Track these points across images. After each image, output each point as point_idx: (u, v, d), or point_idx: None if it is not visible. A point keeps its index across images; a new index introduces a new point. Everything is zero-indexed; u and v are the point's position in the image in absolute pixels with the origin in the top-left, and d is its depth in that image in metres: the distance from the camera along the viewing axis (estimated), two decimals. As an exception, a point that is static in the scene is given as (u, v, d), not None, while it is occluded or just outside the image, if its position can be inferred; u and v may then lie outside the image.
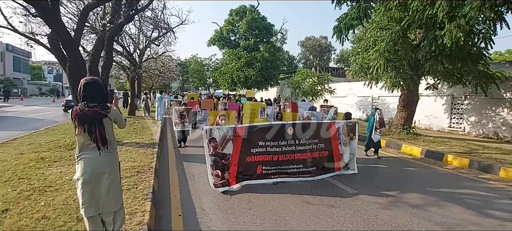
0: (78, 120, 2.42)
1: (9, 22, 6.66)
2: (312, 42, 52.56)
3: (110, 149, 2.61)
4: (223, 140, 4.55)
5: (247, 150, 4.66)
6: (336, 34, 10.02)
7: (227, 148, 4.57)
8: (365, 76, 10.94)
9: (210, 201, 4.20)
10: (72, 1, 9.29)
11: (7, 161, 5.35)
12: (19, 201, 3.51)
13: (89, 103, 2.46)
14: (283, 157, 4.85)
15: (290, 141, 4.89)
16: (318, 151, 5.15)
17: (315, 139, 5.11)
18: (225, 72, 26.20)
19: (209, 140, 4.48)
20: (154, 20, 12.65)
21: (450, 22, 6.78)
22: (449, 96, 12.52)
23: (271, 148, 4.77)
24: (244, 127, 4.69)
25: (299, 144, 4.97)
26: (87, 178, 2.45)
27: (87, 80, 2.52)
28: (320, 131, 5.19)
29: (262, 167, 4.74)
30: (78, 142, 2.50)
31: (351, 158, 5.59)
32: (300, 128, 4.98)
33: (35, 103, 25.36)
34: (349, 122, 5.68)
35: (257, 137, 4.71)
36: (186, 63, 43.97)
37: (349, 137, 5.57)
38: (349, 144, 5.57)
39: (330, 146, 5.28)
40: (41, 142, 7.11)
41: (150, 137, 8.50)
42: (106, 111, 2.53)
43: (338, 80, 24.59)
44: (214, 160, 4.49)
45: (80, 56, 6.54)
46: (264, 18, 27.10)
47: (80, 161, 2.50)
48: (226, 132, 4.56)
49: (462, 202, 4.46)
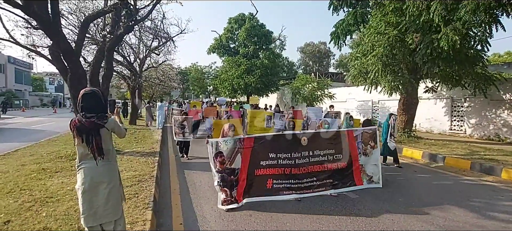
0: (76, 130, 2.48)
1: (11, 35, 6.77)
2: (311, 48, 52.90)
3: (109, 159, 2.64)
4: (231, 154, 4.10)
5: (257, 162, 4.23)
6: (334, 39, 10.14)
7: (235, 162, 4.13)
8: (364, 80, 11.00)
9: (211, 209, 4.20)
10: (72, 13, 9.43)
11: (9, 172, 5.36)
12: (21, 212, 3.52)
13: (87, 113, 2.51)
14: (296, 170, 4.35)
15: (303, 152, 4.38)
16: (335, 163, 4.60)
17: (331, 149, 4.58)
18: (225, 79, 26.35)
19: (215, 155, 4.03)
20: (154, 30, 12.80)
21: (446, 26, 6.86)
22: (448, 99, 12.54)
23: (282, 160, 4.29)
24: (253, 138, 4.28)
25: (314, 155, 4.45)
26: (86, 187, 2.48)
27: (86, 91, 2.57)
28: (336, 140, 4.69)
29: (273, 181, 4.28)
30: (78, 152, 2.55)
31: (374, 169, 4.99)
32: (315, 138, 4.51)
33: (37, 114, 25.46)
34: (368, 129, 5.11)
35: (267, 148, 4.28)
36: (187, 72, 44.22)
37: (369, 145, 5.00)
38: (371, 153, 4.98)
39: (349, 157, 4.72)
40: (43, 153, 7.13)
41: (151, 146, 8.51)
42: (103, 121, 2.56)
43: (338, 85, 24.68)
44: (221, 177, 4.05)
45: (80, 67, 6.61)
46: (262, 25, 27.37)
47: (80, 171, 2.54)
48: (234, 144, 4.11)
49: (464, 204, 4.44)
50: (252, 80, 24.40)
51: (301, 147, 4.38)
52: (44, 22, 5.62)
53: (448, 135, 12.17)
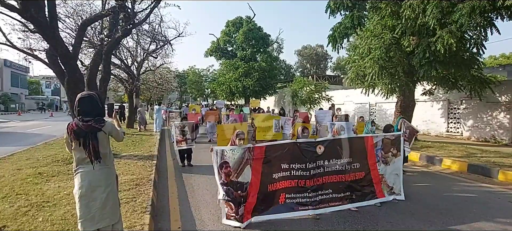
0: (73, 134, 2.47)
1: (7, 39, 6.74)
2: (309, 51, 53.11)
3: (106, 163, 2.63)
4: (239, 165, 3.60)
5: (269, 175, 3.75)
6: (331, 42, 10.19)
7: (244, 175, 3.63)
8: (362, 83, 11.05)
9: (210, 213, 4.17)
10: (70, 16, 9.41)
11: (5, 177, 5.31)
12: (17, 217, 3.48)
13: (84, 117, 2.51)
14: (311, 182, 3.93)
15: (319, 161, 3.97)
16: (352, 173, 4.19)
17: (349, 158, 4.16)
18: (223, 82, 26.38)
19: (220, 165, 3.56)
20: (152, 33, 12.80)
21: (442, 29, 6.94)
22: (445, 101, 12.63)
23: (296, 171, 3.85)
24: (264, 147, 3.74)
25: (330, 165, 4.04)
26: (83, 192, 2.47)
27: (83, 95, 2.57)
28: (354, 147, 4.26)
29: (286, 196, 3.81)
30: (75, 157, 2.54)
31: (396, 179, 4.56)
32: (332, 146, 4.08)
33: (33, 117, 25.26)
34: (390, 136, 4.64)
35: (280, 158, 3.81)
36: (184, 75, 44.18)
37: (391, 152, 4.56)
38: (392, 162, 4.54)
39: (367, 166, 4.30)
40: (39, 157, 7.07)
41: (149, 150, 8.48)
42: (100, 124, 2.56)
43: (336, 87, 24.78)
44: (227, 190, 3.55)
45: (78, 70, 6.59)
46: (260, 28, 27.49)
47: (77, 175, 2.53)
48: (242, 153, 3.62)
49: (462, 206, 4.46)
50: (250, 83, 24.45)
51: (316, 156, 3.95)
52: (41, 26, 5.60)
53: (445, 137, 12.25)
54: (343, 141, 4.27)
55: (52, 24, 5.77)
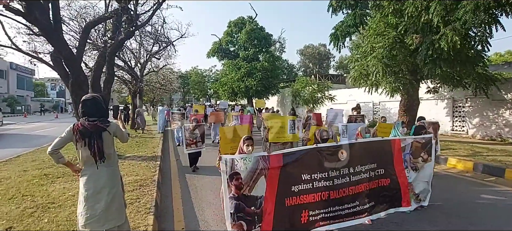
0: (79, 134, 2.51)
1: (13, 42, 6.83)
2: (311, 50, 52.98)
3: (110, 163, 2.67)
4: (251, 177, 3.08)
5: (287, 188, 3.20)
6: (333, 41, 10.14)
7: (258, 188, 3.08)
8: (365, 82, 10.98)
9: (213, 213, 4.19)
10: (74, 19, 9.50)
11: (11, 178, 5.38)
12: (23, 218, 3.53)
13: (89, 118, 2.55)
14: (335, 193, 3.40)
15: (343, 169, 3.46)
16: (377, 180, 3.69)
17: (373, 163, 3.67)
18: (225, 83, 26.41)
19: (230, 176, 3.02)
20: (154, 35, 12.87)
21: (446, 26, 6.86)
22: (450, 99, 12.51)
23: (319, 181, 3.32)
24: (281, 155, 3.24)
25: (354, 173, 3.53)
26: (89, 194, 2.50)
27: (86, 97, 2.63)
28: (379, 151, 3.80)
29: (309, 213, 3.24)
30: (81, 157, 2.56)
31: (425, 187, 4.14)
32: (356, 150, 3.58)
33: (38, 119, 25.55)
34: (420, 139, 4.15)
35: (300, 167, 3.27)
36: (187, 75, 44.35)
37: (421, 158, 4.08)
38: (422, 168, 4.07)
39: (393, 172, 3.82)
40: (45, 159, 7.14)
41: (152, 150, 8.52)
42: (105, 125, 2.60)
43: (339, 86, 24.67)
44: (236, 206, 3.00)
45: (82, 73, 6.66)
46: (262, 28, 27.46)
47: (82, 177, 2.56)
48: (255, 163, 3.10)
49: (468, 206, 4.42)
50: (252, 83, 24.44)
51: (339, 163, 3.46)
52: (45, 29, 5.67)
53: (450, 136, 12.13)
54: (368, 145, 3.86)
55: (56, 27, 5.83)
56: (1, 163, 6.81)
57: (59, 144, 2.51)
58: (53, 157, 2.52)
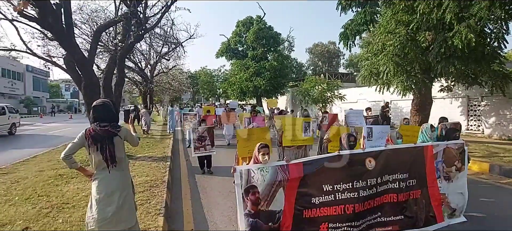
0: (91, 139, 2.56)
1: (27, 46, 7.06)
2: (321, 48, 52.45)
3: (121, 167, 2.72)
4: (270, 190, 2.77)
5: (307, 199, 2.92)
6: (343, 40, 10.02)
7: (276, 202, 2.78)
8: (376, 81, 10.79)
9: (222, 214, 4.22)
10: (85, 22, 9.75)
11: (28, 178, 5.57)
12: (39, 219, 3.65)
13: (101, 123, 2.61)
14: (360, 206, 3.05)
15: (370, 179, 3.12)
16: (407, 192, 3.31)
17: (404, 173, 3.31)
18: (234, 82, 26.51)
19: (245, 190, 2.73)
20: (164, 36, 13.04)
21: (459, 23, 6.65)
22: (464, 98, 12.16)
23: (342, 193, 2.99)
24: (302, 163, 2.95)
25: (382, 183, 3.20)
26: (101, 197, 2.56)
27: (97, 103, 2.69)
28: (411, 159, 3.40)
29: (328, 225, 2.94)
30: (93, 161, 2.62)
31: (460, 199, 3.64)
32: (385, 158, 3.22)
33: (54, 120, 26.33)
34: (453, 144, 3.67)
35: (321, 178, 2.99)
36: (196, 75, 44.78)
37: (454, 166, 3.63)
38: (455, 178, 3.62)
39: (424, 182, 3.43)
40: (59, 159, 7.34)
41: (163, 151, 8.64)
42: (117, 130, 2.66)
43: (349, 85, 24.36)
44: (252, 224, 2.70)
45: (94, 75, 6.81)
46: (270, 27, 27.40)
47: (94, 180, 2.63)
48: (273, 174, 2.79)
49: (484, 210, 4.28)
50: (261, 83, 24.44)
51: (366, 173, 3.10)
52: (58, 34, 5.83)
53: (465, 135, 11.78)
54: (398, 152, 3.44)
55: (68, 32, 5.99)
56: (19, 163, 7.06)
57: (72, 149, 2.57)
58: (66, 162, 2.57)
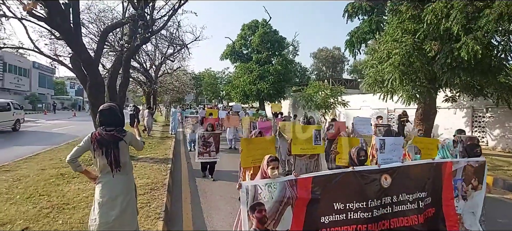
0: (97, 143, 2.59)
1: (35, 45, 7.14)
2: (325, 54, 52.40)
3: (125, 171, 2.74)
4: (277, 208, 2.56)
5: (316, 219, 2.72)
6: (349, 48, 10.00)
7: (284, 221, 2.59)
8: (380, 89, 10.74)
9: (222, 220, 4.20)
10: (93, 22, 9.85)
11: (30, 176, 5.60)
12: (39, 219, 3.65)
13: (107, 127, 2.64)
14: (374, 226, 2.85)
15: (385, 198, 2.91)
16: (425, 210, 3.12)
17: (422, 192, 3.10)
18: (237, 85, 26.55)
19: (251, 207, 2.51)
20: (169, 38, 13.12)
21: (466, 35, 6.61)
22: (469, 109, 12.05)
23: (355, 212, 2.79)
24: (311, 178, 2.75)
25: (398, 203, 2.98)
26: (105, 200, 2.59)
27: (104, 107, 2.72)
28: (428, 177, 3.18)
29: None
30: (98, 165, 2.65)
31: (471, 219, 3.41)
32: (401, 175, 3.01)
33: (57, 117, 26.52)
34: (474, 162, 3.45)
35: (332, 195, 2.78)
36: (200, 77, 44.94)
37: (471, 184, 3.41)
38: (471, 197, 3.40)
39: (439, 201, 3.22)
40: (61, 158, 7.39)
41: (164, 152, 8.65)
42: (122, 134, 2.69)
43: (353, 92, 24.28)
44: None
45: (99, 76, 6.86)
46: (276, 31, 27.46)
47: (98, 184, 2.66)
48: (282, 190, 2.59)
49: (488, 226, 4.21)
50: (264, 87, 24.44)
51: (381, 190, 2.90)
52: (66, 33, 5.89)
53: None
54: (415, 169, 3.18)
55: (76, 32, 6.05)
56: (22, 160, 7.10)
57: (77, 153, 2.59)
58: (71, 165, 2.59)
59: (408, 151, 4.08)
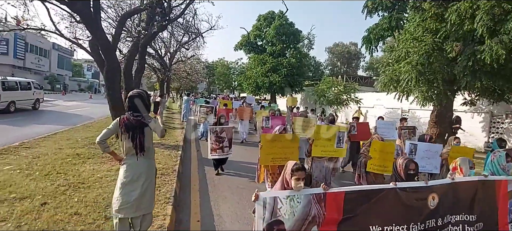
0: (124, 127, 2.76)
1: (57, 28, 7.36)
2: (341, 48, 51.43)
3: (148, 156, 2.91)
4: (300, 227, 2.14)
5: None
6: (365, 44, 9.78)
7: None
8: (395, 88, 10.49)
9: (228, 209, 4.28)
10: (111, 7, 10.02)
11: (48, 155, 5.86)
12: (56, 195, 3.84)
13: (134, 113, 2.79)
14: None
15: (430, 220, 2.48)
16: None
17: (471, 214, 2.68)
18: (250, 76, 26.51)
19: (269, 225, 2.09)
20: (185, 26, 13.19)
21: (491, 38, 6.32)
22: (488, 114, 11.62)
23: None
24: (343, 193, 2.29)
25: (443, 226, 2.57)
26: (127, 181, 2.74)
27: (133, 93, 2.86)
28: (479, 197, 2.75)
29: None
30: (124, 147, 2.80)
31: None
32: (449, 193, 2.61)
33: (74, 98, 27.40)
34: None
35: (368, 215, 2.34)
36: (213, 66, 45.11)
37: None
38: None
39: (494, 225, 2.79)
40: (78, 138, 7.68)
41: (175, 139, 8.82)
42: (148, 120, 2.84)
43: (366, 89, 23.82)
44: None
45: (116, 60, 7.02)
46: (292, 24, 27.07)
47: (123, 165, 2.81)
48: (306, 205, 2.17)
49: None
50: (277, 79, 24.30)
51: (426, 212, 2.47)
52: (86, 18, 6.04)
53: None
54: (465, 187, 2.74)
55: (96, 17, 6.19)
56: (41, 139, 7.43)
57: (106, 135, 2.77)
58: (100, 146, 2.77)
59: (461, 164, 3.35)
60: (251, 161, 6.80)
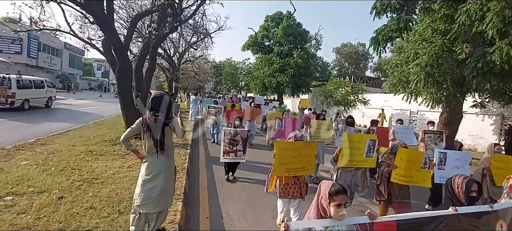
0: (146, 126, 2.90)
1: (71, 28, 7.58)
2: (348, 49, 51.01)
3: (168, 154, 3.04)
4: None
5: None
6: (373, 45, 9.75)
7: None
8: (404, 89, 10.40)
9: (236, 208, 4.37)
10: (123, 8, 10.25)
11: (62, 151, 6.06)
12: (72, 190, 4.00)
13: (156, 113, 2.92)
14: None
15: None
16: None
17: None
18: (257, 77, 26.60)
19: None
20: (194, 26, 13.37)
21: (501, 39, 6.25)
22: (498, 116, 11.43)
23: None
24: (394, 224, 1.88)
25: None
26: (149, 178, 2.88)
27: (156, 95, 3.02)
28: None
29: None
30: (146, 146, 2.95)
31: None
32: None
33: (85, 97, 27.98)
34: None
35: None
36: (220, 66, 45.35)
37: None
38: None
39: None
40: (90, 136, 7.90)
41: (184, 138, 8.95)
42: (168, 121, 2.98)
43: (374, 90, 23.63)
44: None
45: (127, 60, 7.21)
46: (299, 24, 27.05)
47: (145, 163, 2.97)
48: None
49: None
50: (284, 80, 24.33)
51: None
52: (99, 19, 6.23)
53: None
54: None
55: (109, 18, 6.37)
56: (55, 136, 7.67)
57: (130, 133, 2.95)
58: (124, 144, 2.96)
59: None
60: (259, 161, 6.98)
